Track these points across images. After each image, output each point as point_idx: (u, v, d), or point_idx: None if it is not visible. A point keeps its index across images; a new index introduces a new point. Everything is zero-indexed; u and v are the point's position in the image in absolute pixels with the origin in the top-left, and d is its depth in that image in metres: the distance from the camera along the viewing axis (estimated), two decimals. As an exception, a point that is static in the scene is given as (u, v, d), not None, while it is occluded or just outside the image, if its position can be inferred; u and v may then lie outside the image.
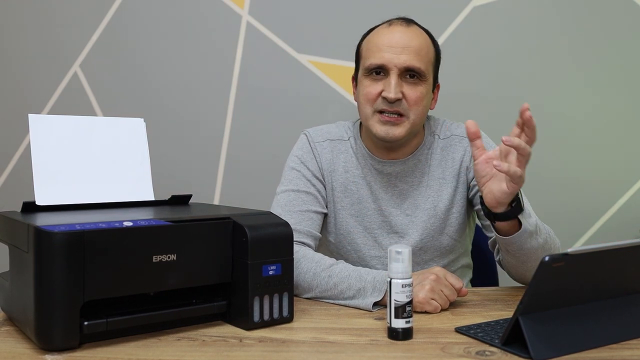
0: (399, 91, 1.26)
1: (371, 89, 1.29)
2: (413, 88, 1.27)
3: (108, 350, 0.90)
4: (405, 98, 1.27)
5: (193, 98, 1.97)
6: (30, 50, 2.02)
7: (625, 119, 1.86)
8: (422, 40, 1.30)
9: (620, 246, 0.85)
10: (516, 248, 1.14)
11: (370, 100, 1.29)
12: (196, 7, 1.95)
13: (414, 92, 1.27)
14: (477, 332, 0.95)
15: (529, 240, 1.12)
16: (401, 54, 1.26)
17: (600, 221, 1.88)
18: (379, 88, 1.28)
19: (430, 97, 1.33)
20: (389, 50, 1.27)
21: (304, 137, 1.43)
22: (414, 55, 1.26)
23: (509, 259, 1.21)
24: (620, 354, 0.86)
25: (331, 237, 1.41)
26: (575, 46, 1.85)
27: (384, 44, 1.28)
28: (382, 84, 1.28)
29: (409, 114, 1.28)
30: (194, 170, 1.98)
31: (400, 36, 1.28)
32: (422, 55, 1.28)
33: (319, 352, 0.90)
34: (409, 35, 1.28)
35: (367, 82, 1.30)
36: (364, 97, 1.31)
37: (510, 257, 1.19)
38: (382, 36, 1.30)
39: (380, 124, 1.29)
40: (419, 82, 1.28)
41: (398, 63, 1.26)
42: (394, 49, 1.27)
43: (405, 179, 1.36)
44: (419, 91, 1.28)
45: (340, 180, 1.39)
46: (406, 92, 1.27)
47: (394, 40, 1.28)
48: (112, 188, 1.17)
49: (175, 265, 0.95)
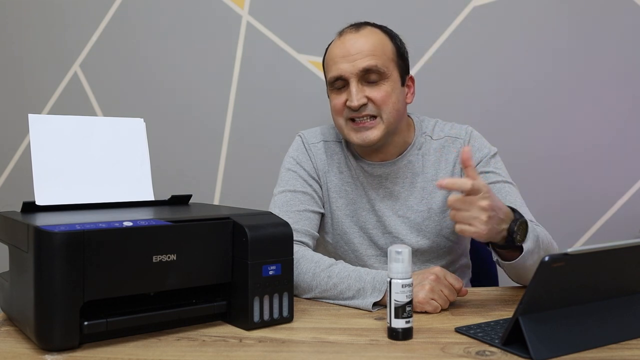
0: (362, 97, 1.26)
1: (337, 102, 1.31)
2: (376, 89, 1.27)
3: (108, 350, 0.90)
4: (371, 100, 1.27)
5: (193, 98, 1.97)
6: (30, 50, 2.02)
7: (625, 118, 1.86)
8: (374, 39, 1.29)
9: (620, 246, 0.85)
10: (519, 267, 1.12)
11: (338, 112, 1.31)
12: (196, 7, 1.95)
13: (378, 93, 1.27)
14: (477, 332, 0.95)
15: (530, 258, 1.10)
16: (355, 60, 1.26)
17: (600, 221, 1.88)
18: (343, 98, 1.29)
19: (400, 92, 1.31)
20: (342, 61, 1.27)
21: (298, 139, 1.44)
22: (368, 57, 1.26)
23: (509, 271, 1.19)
24: (620, 354, 0.86)
25: (329, 237, 1.42)
26: (575, 46, 1.85)
27: (337, 56, 1.29)
28: (345, 94, 1.29)
29: (381, 114, 1.28)
30: (194, 170, 1.98)
31: (351, 44, 1.28)
32: (378, 55, 1.27)
33: (319, 352, 0.90)
34: (360, 40, 1.28)
35: (333, 96, 1.32)
36: (333, 110, 1.33)
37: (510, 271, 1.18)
38: (335, 49, 1.31)
39: (354, 132, 1.29)
40: (381, 82, 1.28)
41: (353, 70, 1.26)
42: (346, 57, 1.27)
43: (395, 180, 1.36)
44: (383, 90, 1.27)
45: (335, 181, 1.39)
46: (370, 95, 1.27)
47: (345, 49, 1.28)
48: (112, 188, 1.17)
49: (175, 265, 0.95)
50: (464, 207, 1.01)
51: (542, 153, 1.88)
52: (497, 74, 1.87)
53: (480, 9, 1.86)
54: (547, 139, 1.87)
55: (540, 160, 1.88)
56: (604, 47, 1.84)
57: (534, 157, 1.87)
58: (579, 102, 1.86)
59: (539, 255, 1.12)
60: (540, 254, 1.12)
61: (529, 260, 1.10)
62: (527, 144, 1.87)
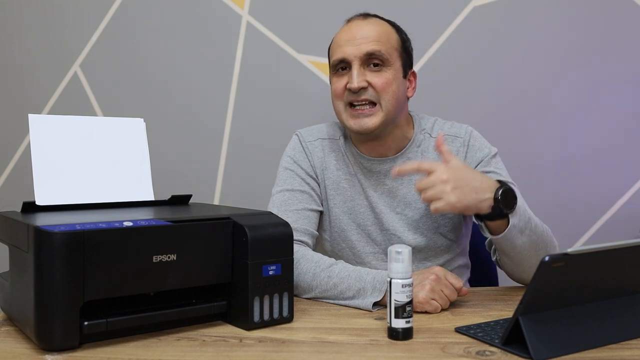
0: (363, 80, 1.27)
1: (337, 85, 1.31)
2: (378, 74, 1.28)
3: (108, 350, 0.90)
4: (371, 85, 1.27)
5: (193, 98, 1.97)
6: (30, 50, 2.02)
7: (625, 119, 1.86)
8: (381, 28, 1.30)
9: (620, 246, 0.85)
10: (509, 245, 1.15)
11: (338, 96, 1.31)
12: (196, 7, 1.95)
13: (379, 79, 1.27)
14: (477, 332, 0.95)
15: (520, 237, 1.13)
16: (360, 44, 1.27)
17: (600, 221, 1.88)
18: (344, 81, 1.29)
19: (401, 83, 1.31)
20: (347, 44, 1.29)
21: (295, 138, 1.44)
22: (373, 42, 1.27)
23: (504, 259, 1.22)
24: (620, 354, 0.86)
25: (326, 235, 1.42)
26: (575, 46, 1.85)
27: (342, 40, 1.30)
28: (347, 77, 1.29)
29: (380, 100, 1.28)
30: (194, 170, 1.98)
31: (358, 29, 1.30)
32: (383, 41, 1.28)
33: (319, 352, 0.90)
34: (367, 26, 1.30)
35: (334, 79, 1.33)
36: (333, 94, 1.33)
37: (506, 257, 1.20)
38: (342, 33, 1.32)
39: (352, 118, 1.30)
40: (383, 69, 1.28)
41: (357, 53, 1.27)
42: (352, 41, 1.28)
43: (394, 177, 1.36)
44: (384, 77, 1.27)
45: (333, 178, 1.39)
46: (371, 80, 1.27)
47: (351, 34, 1.30)
48: (112, 188, 1.17)
49: (175, 265, 0.95)
50: (429, 185, 1.10)
51: (542, 153, 1.87)
52: (497, 74, 1.87)
53: (480, 9, 1.86)
54: (547, 139, 1.87)
55: (540, 160, 1.88)
56: (604, 47, 1.84)
57: (533, 157, 1.87)
58: (579, 102, 1.86)
59: (530, 240, 1.15)
60: (532, 238, 1.15)
61: (517, 239, 1.13)
62: (526, 144, 1.87)
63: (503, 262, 1.24)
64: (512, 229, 1.11)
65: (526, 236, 1.14)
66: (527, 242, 1.15)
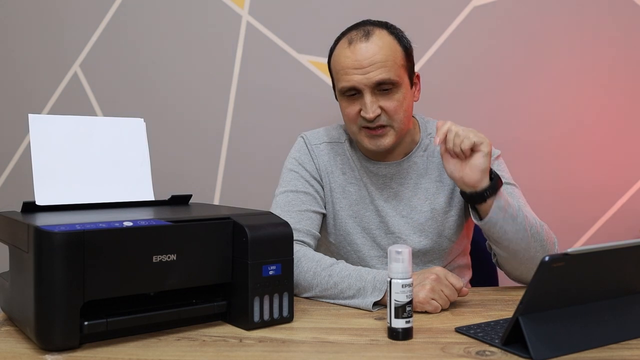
0: (376, 108, 1.26)
1: (350, 110, 1.30)
2: (389, 98, 1.27)
3: (108, 350, 0.90)
4: (384, 111, 1.27)
5: (193, 98, 1.97)
6: (30, 50, 2.02)
7: (625, 119, 1.86)
8: (385, 48, 1.26)
9: (620, 246, 0.85)
10: (498, 232, 1.17)
11: (352, 120, 1.31)
12: (196, 7, 1.95)
13: (391, 103, 1.27)
14: (477, 332, 0.95)
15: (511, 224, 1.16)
16: (369, 72, 1.25)
17: (601, 221, 1.88)
18: (357, 108, 1.29)
19: (410, 97, 1.32)
20: (355, 72, 1.26)
21: (301, 140, 1.44)
22: (382, 69, 1.25)
23: (499, 252, 1.23)
24: (620, 354, 0.86)
25: (331, 238, 1.42)
26: (574, 46, 1.85)
27: (349, 66, 1.27)
28: (358, 103, 1.28)
29: (392, 123, 1.28)
30: (194, 170, 1.98)
31: (363, 53, 1.25)
32: (390, 65, 1.26)
33: (319, 352, 0.90)
34: (372, 50, 1.26)
35: (345, 104, 1.31)
36: (346, 118, 1.33)
37: (499, 248, 1.21)
38: (346, 58, 1.28)
39: (368, 139, 1.30)
40: (393, 91, 1.27)
41: (368, 82, 1.25)
42: (359, 70, 1.25)
43: (400, 181, 1.37)
44: (396, 100, 1.27)
45: (339, 182, 1.39)
46: (384, 105, 1.27)
47: (357, 60, 1.26)
48: (112, 188, 1.17)
49: (175, 265, 0.95)
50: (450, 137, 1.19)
51: (542, 153, 1.88)
52: (496, 74, 1.87)
53: (480, 9, 1.86)
54: (547, 139, 1.87)
55: (539, 160, 1.88)
56: (604, 46, 1.84)
57: (533, 157, 1.87)
58: (579, 102, 1.86)
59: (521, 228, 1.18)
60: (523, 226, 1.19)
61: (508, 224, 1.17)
62: (526, 144, 1.87)
63: (499, 256, 1.24)
64: (497, 211, 1.16)
65: (518, 224, 1.18)
66: (519, 231, 1.18)
